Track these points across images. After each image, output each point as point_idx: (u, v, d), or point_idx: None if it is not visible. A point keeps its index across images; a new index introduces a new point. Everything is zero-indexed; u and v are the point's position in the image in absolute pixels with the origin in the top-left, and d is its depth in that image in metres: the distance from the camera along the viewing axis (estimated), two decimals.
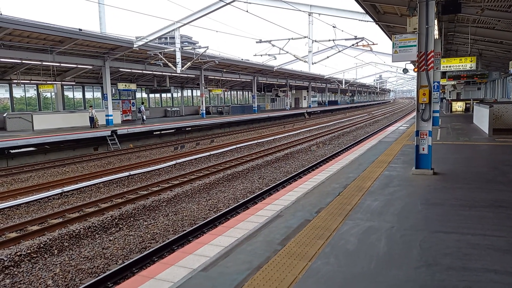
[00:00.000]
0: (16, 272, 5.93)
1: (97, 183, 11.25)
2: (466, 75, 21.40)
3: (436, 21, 10.41)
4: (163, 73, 27.74)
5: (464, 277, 3.27)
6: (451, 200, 5.62)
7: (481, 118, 15.44)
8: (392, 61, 7.56)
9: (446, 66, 16.59)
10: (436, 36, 12.93)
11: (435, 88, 14.15)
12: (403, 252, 3.82)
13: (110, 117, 23.32)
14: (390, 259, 3.66)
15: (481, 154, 10.03)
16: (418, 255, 3.72)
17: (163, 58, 22.31)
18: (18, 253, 6.32)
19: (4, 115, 20.76)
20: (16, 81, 21.71)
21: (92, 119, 21.63)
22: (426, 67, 7.16)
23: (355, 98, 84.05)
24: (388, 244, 4.01)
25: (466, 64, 16.31)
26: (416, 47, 7.27)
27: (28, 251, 6.44)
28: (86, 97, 28.22)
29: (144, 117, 25.33)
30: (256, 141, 20.32)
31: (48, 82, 22.93)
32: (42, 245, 6.69)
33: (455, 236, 4.20)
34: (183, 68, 23.22)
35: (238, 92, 48.70)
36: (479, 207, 5.21)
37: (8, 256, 6.19)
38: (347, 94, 76.30)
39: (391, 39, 7.82)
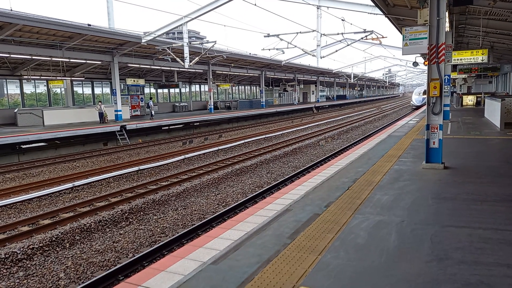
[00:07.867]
0: (29, 265, 6.03)
1: (107, 178, 11.35)
2: (478, 68, 21.08)
3: (447, 13, 10.23)
4: (171, 68, 27.80)
5: (476, 271, 3.24)
6: (462, 194, 5.56)
7: (493, 111, 15.22)
8: (402, 54, 7.47)
9: (457, 59, 16.34)
10: (447, 29, 12.71)
11: (446, 81, 13.98)
12: (414, 246, 3.79)
13: (119, 112, 23.48)
14: (401, 253, 3.64)
15: (492, 148, 9.90)
16: (429, 249, 3.69)
17: (171, 53, 22.32)
18: (31, 247, 6.42)
19: (15, 110, 21.04)
20: (27, 77, 21.96)
21: (101, 115, 21.80)
22: (437, 59, 7.06)
23: (364, 92, 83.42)
24: (399, 238, 3.99)
25: (478, 57, 16.03)
26: (426, 39, 7.16)
27: (40, 245, 6.54)
28: (95, 92, 28.44)
29: (153, 112, 25.42)
30: (264, 136, 20.30)
31: (57, 77, 23.15)
32: (54, 239, 6.79)
33: (466, 230, 4.16)
34: (191, 63, 23.21)
35: (246, 87, 48.63)
36: (491, 202, 5.15)
37: (21, 249, 6.30)
38: (355, 88, 75.75)
39: (401, 32, 7.73)
